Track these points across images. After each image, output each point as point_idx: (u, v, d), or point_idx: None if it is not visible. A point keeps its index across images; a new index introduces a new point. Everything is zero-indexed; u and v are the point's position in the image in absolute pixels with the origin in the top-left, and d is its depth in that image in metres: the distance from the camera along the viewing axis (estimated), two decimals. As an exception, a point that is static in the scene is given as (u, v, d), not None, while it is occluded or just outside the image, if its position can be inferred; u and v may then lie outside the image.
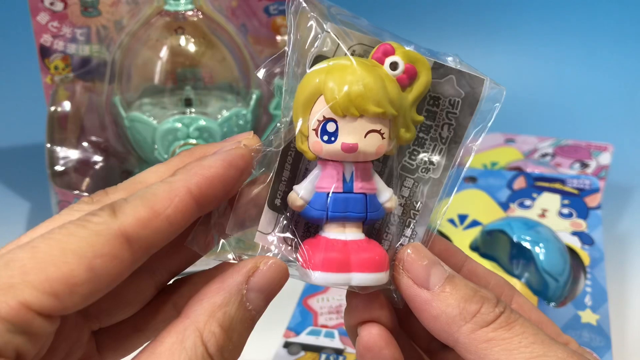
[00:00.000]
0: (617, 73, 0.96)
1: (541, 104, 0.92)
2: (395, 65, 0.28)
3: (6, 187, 0.72)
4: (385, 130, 0.27)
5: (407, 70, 0.28)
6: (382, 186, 0.29)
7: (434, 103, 0.29)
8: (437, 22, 1.00)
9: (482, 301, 0.27)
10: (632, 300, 0.55)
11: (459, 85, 0.29)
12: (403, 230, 0.30)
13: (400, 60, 0.28)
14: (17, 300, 0.21)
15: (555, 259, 0.50)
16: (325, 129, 0.27)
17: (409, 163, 0.30)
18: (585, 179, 0.63)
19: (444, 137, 0.29)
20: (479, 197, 0.61)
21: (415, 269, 0.28)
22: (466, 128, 0.29)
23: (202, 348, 0.24)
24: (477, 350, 0.26)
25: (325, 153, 0.27)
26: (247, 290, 0.25)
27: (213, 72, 0.56)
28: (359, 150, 0.27)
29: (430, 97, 0.29)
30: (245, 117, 0.55)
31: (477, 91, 0.28)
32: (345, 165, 0.28)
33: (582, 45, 0.99)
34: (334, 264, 0.27)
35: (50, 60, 0.58)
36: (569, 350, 0.26)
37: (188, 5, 0.54)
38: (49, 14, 0.56)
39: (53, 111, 0.57)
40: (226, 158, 0.27)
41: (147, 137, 0.54)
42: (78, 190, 0.55)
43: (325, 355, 0.46)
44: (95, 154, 0.58)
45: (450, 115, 0.29)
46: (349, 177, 0.28)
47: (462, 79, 0.28)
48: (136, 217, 0.23)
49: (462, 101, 0.29)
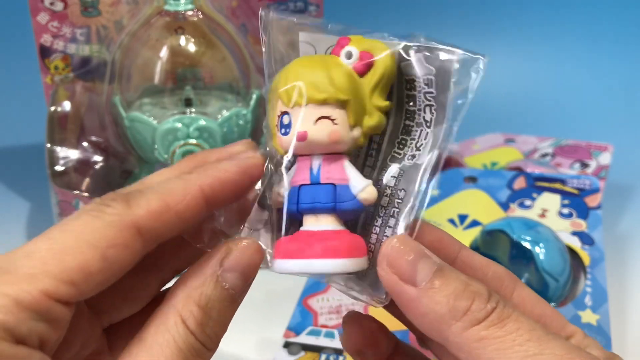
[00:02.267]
0: (617, 73, 0.96)
1: (541, 104, 0.92)
2: (349, 54, 0.28)
3: (6, 187, 0.72)
4: (338, 116, 0.27)
5: (361, 57, 0.28)
6: (356, 177, 0.28)
7: (411, 86, 0.28)
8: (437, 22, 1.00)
9: (473, 297, 0.25)
10: (632, 300, 0.55)
11: (428, 62, 0.28)
12: (388, 221, 0.29)
13: (354, 48, 0.28)
14: (38, 289, 0.22)
15: (555, 259, 0.50)
16: (282, 123, 0.28)
17: (397, 153, 0.29)
18: (585, 179, 0.63)
19: (428, 120, 0.28)
20: (479, 197, 0.61)
21: (400, 264, 0.26)
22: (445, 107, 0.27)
23: (183, 326, 0.25)
24: (469, 350, 0.25)
25: (285, 145, 0.28)
26: (222, 271, 0.26)
27: (213, 72, 0.56)
28: (310, 138, 0.27)
29: (406, 80, 0.28)
30: (245, 117, 0.55)
31: (446, 65, 0.27)
32: (313, 158, 0.28)
33: (582, 45, 0.99)
34: (293, 251, 0.27)
35: (51, 60, 0.58)
36: (568, 346, 0.25)
37: (188, 5, 0.54)
38: (49, 14, 0.56)
39: (53, 111, 0.57)
40: (242, 165, 0.28)
41: (147, 137, 0.54)
42: (78, 190, 0.55)
43: (325, 355, 0.46)
44: (95, 154, 0.58)
45: (428, 95, 0.28)
46: (316, 169, 0.28)
47: (430, 55, 0.27)
48: (149, 210, 0.25)
49: (436, 78, 0.28)
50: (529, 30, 1.00)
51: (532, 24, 1.01)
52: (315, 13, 0.60)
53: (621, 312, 0.53)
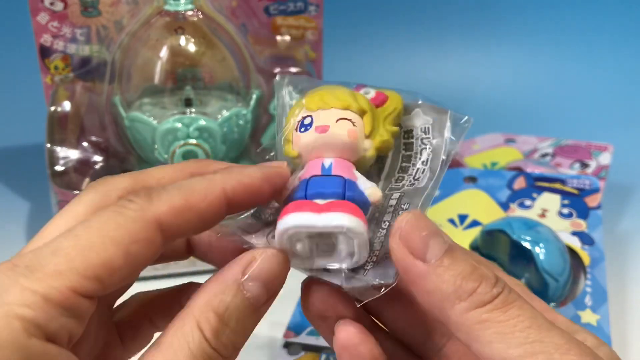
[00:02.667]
0: (617, 73, 0.96)
1: (541, 104, 0.92)
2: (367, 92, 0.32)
3: (6, 187, 0.72)
4: (357, 120, 0.30)
5: (377, 95, 0.31)
6: (364, 178, 0.30)
7: (409, 135, 0.32)
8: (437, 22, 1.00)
9: (480, 279, 0.26)
10: (632, 300, 0.55)
11: (426, 115, 0.32)
12: None
13: (372, 89, 0.32)
14: (65, 286, 0.22)
15: (555, 259, 0.50)
16: (303, 123, 0.30)
17: (395, 186, 0.31)
18: (585, 179, 0.63)
19: (425, 160, 0.31)
20: (479, 197, 0.61)
21: (412, 238, 0.26)
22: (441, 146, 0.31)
23: (198, 332, 0.25)
24: (470, 331, 0.25)
25: (302, 142, 0.29)
26: (244, 280, 0.26)
27: (213, 72, 0.56)
28: (330, 131, 0.29)
29: (404, 132, 0.32)
30: (245, 117, 0.55)
31: (442, 117, 0.31)
32: (325, 158, 0.29)
33: (582, 45, 0.99)
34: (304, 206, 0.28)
35: (50, 60, 0.58)
36: (568, 336, 0.25)
37: (188, 5, 0.54)
38: (49, 14, 0.56)
39: (53, 111, 0.57)
40: (266, 173, 0.29)
41: (147, 137, 0.54)
42: (78, 190, 0.55)
43: (325, 356, 0.46)
44: (95, 154, 0.58)
45: (424, 140, 0.32)
46: (328, 165, 0.29)
47: (427, 110, 0.32)
48: (171, 206, 0.25)
49: (432, 126, 0.32)
50: (528, 30, 1.00)
51: (532, 24, 1.01)
52: (315, 13, 0.60)
53: (621, 312, 0.53)
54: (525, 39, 1.00)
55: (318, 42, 0.61)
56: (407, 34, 1.00)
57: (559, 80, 0.96)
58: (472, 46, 0.99)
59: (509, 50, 0.99)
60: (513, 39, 1.00)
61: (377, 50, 1.00)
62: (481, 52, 0.99)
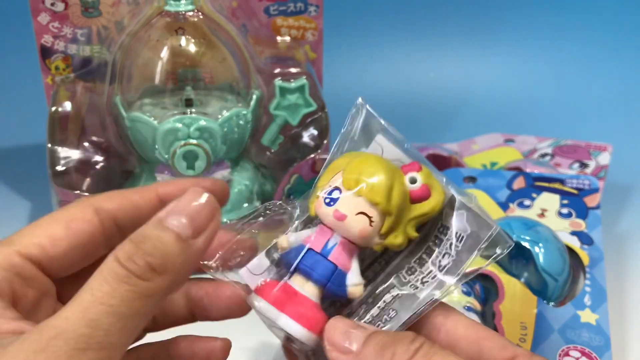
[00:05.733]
0: (617, 73, 0.96)
1: (541, 104, 0.92)
2: (414, 180, 0.31)
3: (7, 187, 0.72)
4: (376, 220, 0.30)
5: (422, 187, 0.31)
6: (356, 272, 0.31)
7: (443, 231, 0.32)
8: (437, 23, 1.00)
9: (395, 343, 0.28)
10: (632, 300, 0.55)
11: (467, 222, 0.31)
12: None
13: (419, 177, 0.31)
14: (11, 249, 0.29)
15: (554, 258, 0.50)
16: (330, 194, 0.31)
17: (403, 276, 0.32)
18: (584, 179, 0.63)
19: (442, 266, 0.31)
20: (478, 197, 0.61)
21: (336, 336, 0.29)
22: (463, 264, 0.31)
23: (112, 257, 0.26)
24: None
25: (320, 213, 0.31)
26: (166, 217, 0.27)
27: (213, 72, 0.56)
28: (345, 223, 0.30)
29: (441, 225, 0.32)
30: (245, 117, 0.55)
31: (482, 233, 0.30)
32: (334, 234, 0.31)
33: (581, 45, 0.99)
34: (273, 298, 0.30)
35: (51, 61, 0.58)
36: None
37: (188, 6, 0.54)
38: (50, 15, 0.56)
39: (54, 111, 0.57)
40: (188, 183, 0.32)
41: (147, 137, 0.54)
42: (79, 190, 0.56)
43: (325, 355, 0.46)
44: (96, 154, 0.58)
45: (453, 246, 0.31)
46: (331, 245, 0.31)
47: (472, 218, 0.31)
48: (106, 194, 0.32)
49: (467, 238, 0.31)
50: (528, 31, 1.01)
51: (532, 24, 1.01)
52: (315, 14, 0.60)
53: (620, 312, 0.53)
54: (525, 39, 1.00)
55: (318, 43, 0.62)
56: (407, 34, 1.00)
57: (559, 80, 0.96)
58: (472, 46, 0.99)
59: (508, 50, 0.99)
60: (513, 39, 1.00)
61: (377, 50, 1.00)
62: (481, 52, 0.99)
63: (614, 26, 0.99)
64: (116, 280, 0.25)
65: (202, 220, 0.27)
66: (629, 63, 0.97)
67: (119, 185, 0.59)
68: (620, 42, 0.99)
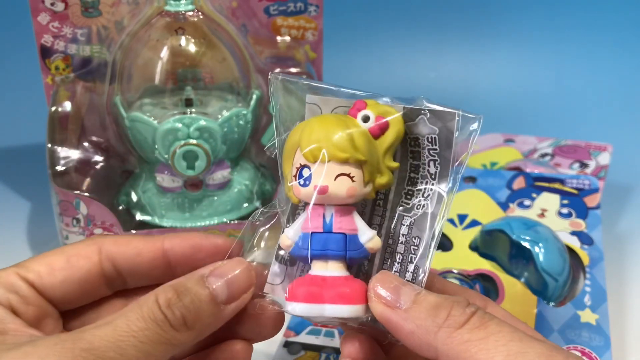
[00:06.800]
0: (617, 73, 0.96)
1: (541, 104, 0.92)
2: (366, 118, 0.31)
3: (7, 187, 0.72)
4: (356, 174, 0.30)
5: (377, 121, 0.31)
6: (364, 228, 0.31)
7: (415, 143, 0.32)
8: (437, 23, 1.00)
9: (451, 305, 0.28)
10: (632, 300, 0.55)
11: (431, 123, 0.31)
12: (407, 267, 0.32)
13: (371, 113, 0.31)
14: (12, 270, 0.32)
15: (554, 258, 0.50)
16: (301, 175, 0.31)
17: (405, 202, 0.32)
18: (584, 179, 0.63)
19: (432, 173, 0.32)
20: (478, 197, 0.62)
21: (384, 289, 0.29)
22: (449, 160, 0.31)
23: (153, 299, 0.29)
24: (457, 354, 0.27)
25: (302, 196, 0.31)
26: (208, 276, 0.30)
27: (213, 72, 0.56)
28: (330, 192, 0.30)
29: (410, 138, 0.32)
30: (245, 117, 0.55)
31: (449, 125, 0.31)
32: (326, 207, 0.31)
33: (581, 45, 0.99)
34: (308, 296, 0.30)
35: (51, 61, 0.58)
36: (549, 346, 0.26)
37: (188, 6, 0.54)
38: (50, 15, 0.56)
39: (54, 111, 0.57)
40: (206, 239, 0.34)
41: (147, 137, 0.54)
42: (79, 190, 0.56)
43: (325, 355, 0.46)
44: (96, 154, 0.58)
45: (432, 151, 0.31)
46: (329, 218, 0.31)
47: (433, 117, 0.31)
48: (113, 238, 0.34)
49: (439, 137, 0.31)
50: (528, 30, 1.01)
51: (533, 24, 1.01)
52: (315, 14, 0.60)
53: (620, 312, 0.53)
54: (525, 39, 1.00)
55: (318, 43, 0.61)
56: (407, 34, 1.00)
57: (559, 80, 0.96)
58: (472, 46, 0.99)
59: (508, 50, 1.00)
60: (513, 39, 1.00)
61: (377, 50, 1.00)
62: (481, 52, 0.99)
63: (614, 26, 0.99)
64: (152, 321, 0.28)
65: (237, 289, 0.31)
66: (629, 63, 0.97)
67: (119, 186, 0.59)
68: (620, 42, 0.99)
